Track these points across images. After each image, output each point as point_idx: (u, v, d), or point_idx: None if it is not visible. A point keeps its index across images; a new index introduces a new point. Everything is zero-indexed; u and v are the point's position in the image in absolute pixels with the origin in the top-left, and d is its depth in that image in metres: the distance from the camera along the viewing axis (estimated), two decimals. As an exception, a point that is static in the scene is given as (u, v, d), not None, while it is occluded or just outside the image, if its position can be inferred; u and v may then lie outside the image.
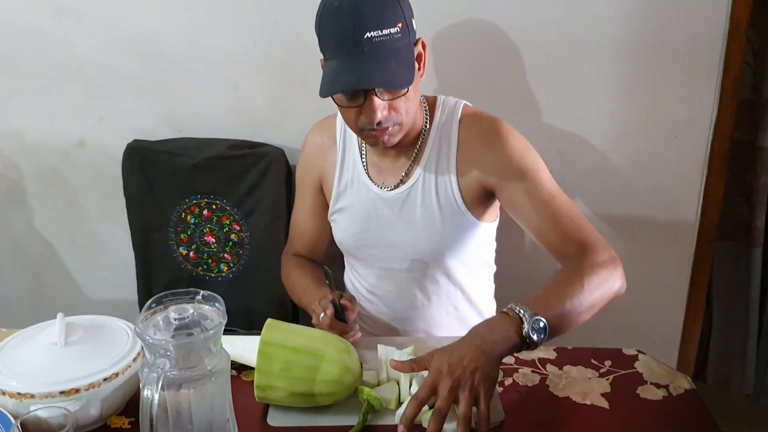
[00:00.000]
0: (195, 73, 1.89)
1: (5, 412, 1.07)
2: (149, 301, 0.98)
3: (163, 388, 0.90)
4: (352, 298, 1.40)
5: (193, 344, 0.92)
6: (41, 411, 1.02)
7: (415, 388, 1.16)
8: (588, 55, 1.82)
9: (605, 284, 1.24)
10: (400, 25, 1.26)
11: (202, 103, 1.92)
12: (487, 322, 1.16)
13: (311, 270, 1.60)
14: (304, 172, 1.63)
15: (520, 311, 1.13)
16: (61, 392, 1.07)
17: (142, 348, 1.03)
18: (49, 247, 2.11)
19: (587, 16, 1.78)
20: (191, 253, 1.96)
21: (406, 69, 1.28)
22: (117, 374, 1.12)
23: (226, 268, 1.96)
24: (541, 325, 1.11)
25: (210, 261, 1.96)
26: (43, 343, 1.15)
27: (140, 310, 2.02)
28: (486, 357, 1.08)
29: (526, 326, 1.10)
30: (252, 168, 1.86)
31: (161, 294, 0.98)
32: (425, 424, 1.07)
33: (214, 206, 1.91)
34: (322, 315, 1.34)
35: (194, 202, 1.91)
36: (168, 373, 0.91)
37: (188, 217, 1.93)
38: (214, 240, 1.94)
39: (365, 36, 1.23)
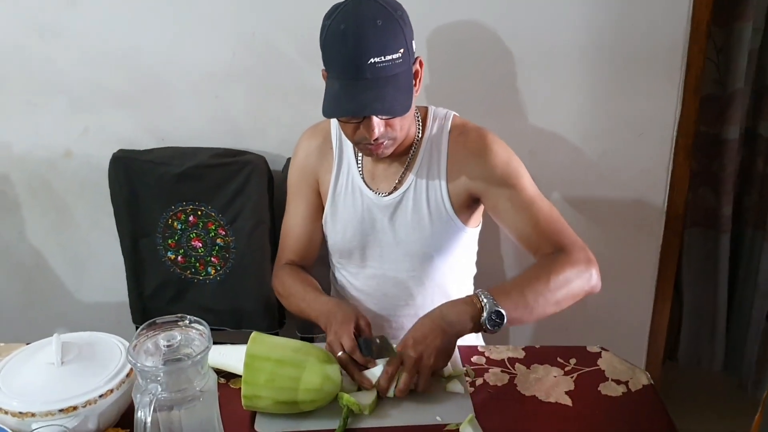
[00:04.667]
0: (176, 85, 1.95)
1: (9, 430, 1.15)
2: (140, 328, 1.05)
3: (155, 410, 0.98)
4: (368, 324, 1.42)
5: (182, 369, 1.00)
6: (42, 429, 1.10)
7: None
8: (556, 59, 1.89)
9: (572, 283, 1.36)
10: (401, 51, 1.32)
11: (183, 113, 1.98)
12: (452, 304, 1.33)
13: (307, 279, 1.61)
14: (300, 176, 1.65)
15: (483, 300, 1.29)
16: (60, 410, 1.13)
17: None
18: (40, 256, 2.17)
19: (556, 22, 1.85)
20: (179, 258, 2.03)
21: (404, 95, 1.35)
22: (112, 390, 1.18)
23: (214, 271, 2.03)
24: (499, 315, 1.27)
25: (198, 265, 2.04)
26: (41, 363, 1.22)
27: (131, 313, 2.10)
28: (445, 336, 1.28)
29: (484, 315, 1.28)
30: (235, 175, 1.92)
31: (150, 321, 1.06)
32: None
33: (199, 212, 1.98)
34: (340, 353, 1.33)
35: (180, 208, 1.98)
36: (159, 396, 0.99)
37: (175, 224, 2.00)
38: (200, 245, 2.01)
39: (368, 62, 1.28)
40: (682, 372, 2.55)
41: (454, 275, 1.65)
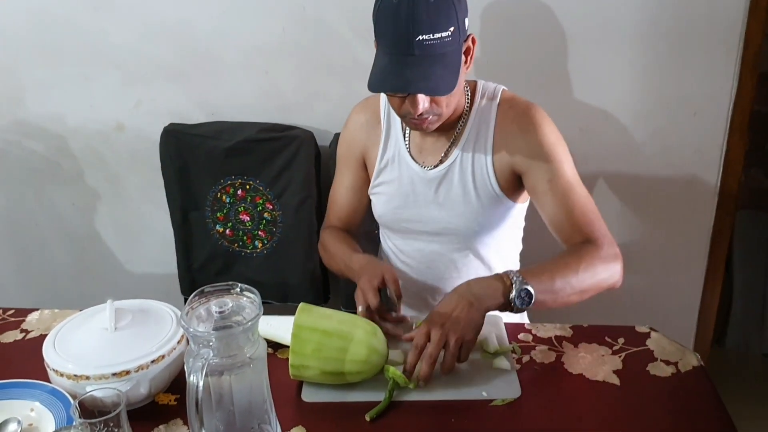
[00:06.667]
0: (226, 59, 1.97)
1: (64, 392, 1.18)
2: (192, 294, 1.06)
3: (207, 375, 0.99)
4: (394, 281, 1.43)
5: (233, 335, 1.01)
6: (96, 391, 1.13)
7: None
8: (610, 35, 1.85)
9: (598, 276, 1.37)
10: (452, 29, 1.31)
11: (233, 88, 2.00)
12: (480, 279, 1.32)
13: (347, 240, 1.65)
14: (348, 149, 1.67)
15: (513, 277, 1.28)
16: (114, 374, 1.17)
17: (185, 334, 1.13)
18: (92, 226, 2.23)
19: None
20: (227, 231, 2.06)
21: (451, 74, 1.35)
22: (163, 356, 1.21)
23: (261, 244, 2.06)
24: (528, 294, 1.27)
25: (245, 238, 2.06)
26: (95, 329, 1.25)
27: (180, 285, 2.14)
28: (473, 309, 1.25)
29: (513, 292, 1.27)
30: (283, 150, 1.94)
31: (202, 287, 1.07)
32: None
33: (247, 186, 2.00)
34: (360, 308, 1.40)
35: (229, 182, 2.00)
36: (211, 362, 1.00)
37: (224, 197, 2.02)
38: (248, 218, 2.04)
39: (417, 39, 1.28)
40: (728, 356, 2.50)
41: (500, 250, 1.64)
